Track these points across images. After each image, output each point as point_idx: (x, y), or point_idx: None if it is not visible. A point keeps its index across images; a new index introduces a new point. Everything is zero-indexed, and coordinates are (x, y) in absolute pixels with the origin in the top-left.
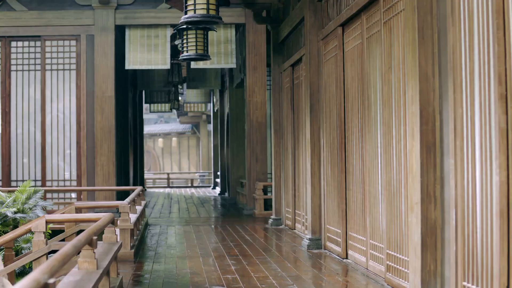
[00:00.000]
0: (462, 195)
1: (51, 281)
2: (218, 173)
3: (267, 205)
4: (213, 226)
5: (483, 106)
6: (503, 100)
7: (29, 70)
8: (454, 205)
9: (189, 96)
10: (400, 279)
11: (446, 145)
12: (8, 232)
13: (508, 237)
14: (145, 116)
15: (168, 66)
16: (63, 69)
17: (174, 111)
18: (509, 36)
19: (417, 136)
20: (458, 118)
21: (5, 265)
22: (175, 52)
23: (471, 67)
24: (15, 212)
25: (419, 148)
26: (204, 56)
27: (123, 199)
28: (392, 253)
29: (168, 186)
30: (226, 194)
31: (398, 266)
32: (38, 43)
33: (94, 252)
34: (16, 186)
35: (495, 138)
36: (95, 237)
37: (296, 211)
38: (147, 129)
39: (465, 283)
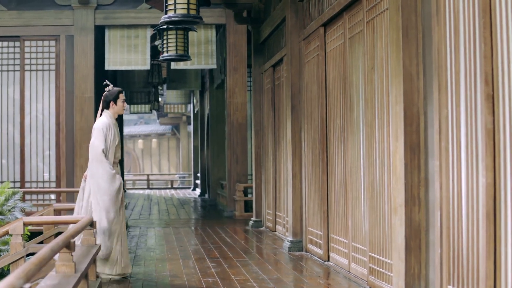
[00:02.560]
0: (447, 197)
1: (26, 286)
2: (198, 174)
3: (248, 206)
4: (193, 228)
5: (469, 106)
6: (490, 101)
7: (8, 71)
8: (439, 207)
9: (169, 97)
10: (383, 282)
11: (431, 146)
12: None
13: (494, 240)
14: (125, 117)
15: (148, 67)
16: (42, 70)
17: (154, 112)
18: (496, 35)
19: (401, 137)
20: (443, 119)
21: None
22: (155, 52)
23: (457, 67)
24: None
25: (403, 149)
26: (184, 57)
27: None
28: (375, 255)
29: (148, 188)
30: (206, 196)
31: (381, 269)
32: (17, 43)
33: (72, 255)
34: None
35: (482, 139)
36: (73, 240)
37: (277, 212)
38: (127, 130)
39: (450, 287)
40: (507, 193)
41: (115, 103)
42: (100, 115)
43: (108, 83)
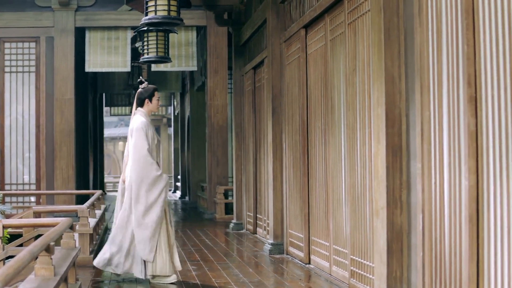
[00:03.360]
0: (430, 199)
1: None
2: (179, 176)
3: (228, 209)
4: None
5: (452, 108)
6: (473, 103)
7: None
8: (421, 210)
9: None
10: (365, 285)
11: (413, 148)
12: None
13: (477, 243)
14: (105, 119)
15: (128, 69)
16: (23, 72)
17: None
18: (479, 37)
19: (382, 139)
20: (426, 121)
21: None
22: (135, 54)
23: (439, 69)
24: None
25: (385, 151)
26: (165, 59)
27: (83, 203)
28: (357, 258)
29: None
30: (187, 198)
31: (362, 272)
32: None
33: (51, 259)
34: None
35: (464, 142)
36: (52, 243)
37: (257, 215)
38: (108, 132)
39: None
40: (490, 195)
41: (150, 100)
42: (134, 113)
43: (143, 79)
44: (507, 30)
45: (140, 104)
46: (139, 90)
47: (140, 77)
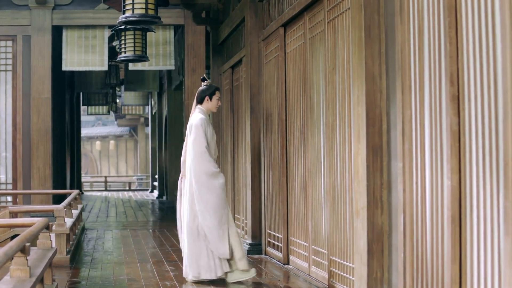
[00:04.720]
0: (411, 199)
1: None
2: (156, 176)
3: None
4: (151, 230)
5: (434, 107)
6: (455, 101)
7: None
8: (402, 210)
9: (127, 98)
10: (345, 286)
11: (394, 148)
12: None
13: (459, 244)
14: (82, 119)
15: (105, 68)
16: None
17: (112, 113)
18: (462, 35)
19: (363, 138)
20: (407, 120)
21: None
22: (113, 53)
23: (421, 67)
24: None
25: (365, 151)
26: (142, 58)
27: (60, 203)
28: (336, 259)
29: (106, 190)
30: (164, 198)
31: (342, 273)
32: None
33: (27, 260)
34: None
35: (446, 141)
36: (28, 244)
37: (235, 215)
38: (85, 131)
39: None
40: (472, 195)
41: (210, 98)
42: (193, 111)
43: (206, 77)
44: (490, 28)
45: (200, 101)
46: (201, 87)
47: (204, 75)
